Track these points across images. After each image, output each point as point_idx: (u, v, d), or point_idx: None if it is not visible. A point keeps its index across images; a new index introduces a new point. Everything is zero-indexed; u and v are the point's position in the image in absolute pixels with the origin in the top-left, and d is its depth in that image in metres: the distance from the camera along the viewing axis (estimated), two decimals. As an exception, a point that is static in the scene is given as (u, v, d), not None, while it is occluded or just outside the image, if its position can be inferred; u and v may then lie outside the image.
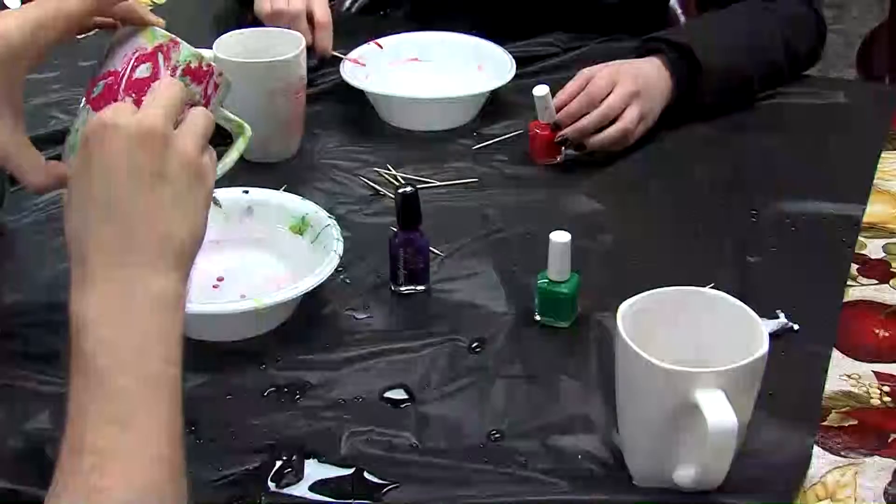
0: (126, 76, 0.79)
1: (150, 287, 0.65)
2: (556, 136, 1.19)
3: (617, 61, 1.24)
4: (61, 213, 1.11)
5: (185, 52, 0.80)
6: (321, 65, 1.40)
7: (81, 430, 0.60)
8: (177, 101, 0.70)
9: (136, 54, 0.79)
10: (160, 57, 0.79)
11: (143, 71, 0.79)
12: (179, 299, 0.66)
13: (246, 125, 0.85)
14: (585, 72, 1.22)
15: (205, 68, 0.80)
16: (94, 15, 0.79)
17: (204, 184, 0.69)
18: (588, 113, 1.19)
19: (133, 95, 0.78)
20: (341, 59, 1.36)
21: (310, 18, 1.36)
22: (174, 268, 0.66)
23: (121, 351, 0.62)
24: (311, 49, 1.35)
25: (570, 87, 1.21)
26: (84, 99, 0.81)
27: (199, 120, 0.71)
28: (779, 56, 1.33)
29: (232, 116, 0.84)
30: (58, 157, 0.84)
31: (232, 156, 0.84)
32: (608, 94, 1.19)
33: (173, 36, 0.80)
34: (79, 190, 0.67)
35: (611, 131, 1.19)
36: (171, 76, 0.79)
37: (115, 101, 0.78)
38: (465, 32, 1.42)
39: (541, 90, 1.19)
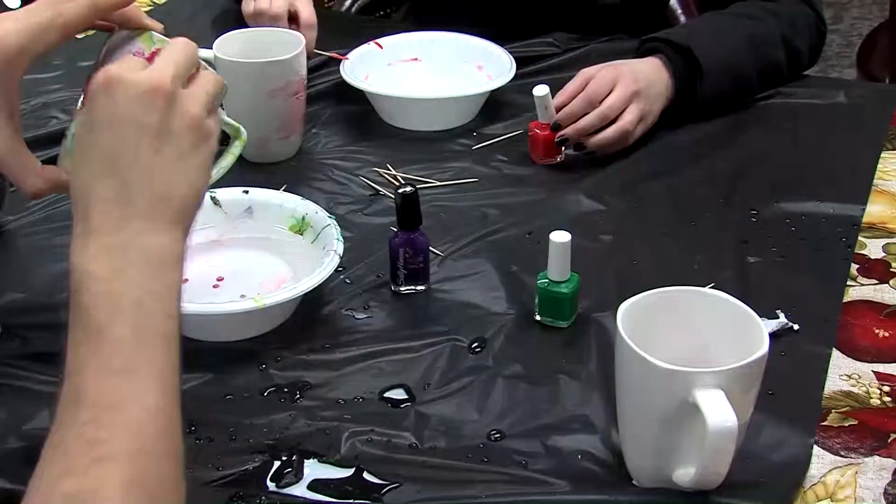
0: None
1: (149, 243, 0.65)
2: (556, 136, 1.20)
3: (617, 61, 1.24)
4: (61, 213, 1.12)
5: None
6: (321, 65, 1.41)
7: (79, 382, 0.60)
8: (188, 61, 0.70)
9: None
10: None
11: None
12: (178, 256, 0.66)
13: (242, 129, 0.85)
14: (585, 72, 1.22)
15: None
16: (91, 22, 0.79)
17: (207, 144, 0.70)
18: (588, 113, 1.19)
19: None
20: (325, 56, 1.36)
21: (295, 18, 1.37)
22: (174, 225, 0.66)
23: (120, 302, 0.62)
24: None
25: (570, 87, 1.21)
26: (80, 103, 0.81)
27: (208, 82, 0.72)
28: (779, 56, 1.33)
29: (228, 120, 0.84)
30: (55, 160, 0.83)
31: (228, 159, 0.84)
32: (608, 95, 1.19)
33: (169, 40, 0.80)
34: (84, 144, 0.67)
35: (610, 131, 1.19)
36: None
37: None
38: (465, 32, 1.42)
39: (541, 90, 1.19)
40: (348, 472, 0.81)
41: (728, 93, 1.29)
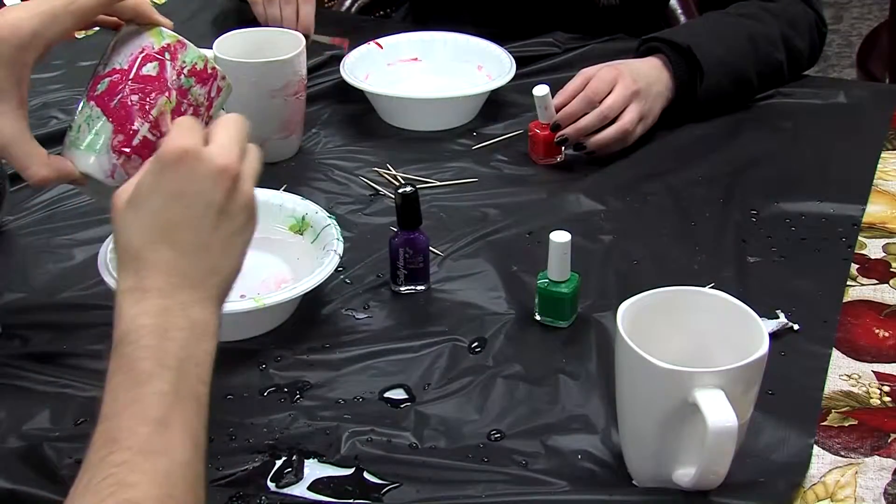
0: (133, 74, 0.79)
1: (195, 313, 0.67)
2: (556, 136, 1.20)
3: (617, 61, 1.24)
4: (61, 213, 1.12)
5: (191, 53, 0.80)
6: (321, 65, 1.41)
7: (116, 426, 0.62)
8: (245, 138, 0.73)
9: (143, 53, 0.80)
10: (167, 56, 0.80)
11: (149, 69, 0.79)
12: (216, 329, 0.69)
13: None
14: (585, 72, 1.22)
15: (210, 71, 0.81)
16: (105, 10, 0.80)
17: (254, 225, 0.73)
18: (588, 113, 1.19)
19: (139, 93, 0.79)
20: (324, 41, 1.36)
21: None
22: (216, 301, 0.70)
23: (165, 360, 0.65)
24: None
25: (570, 87, 1.21)
26: (86, 95, 0.81)
27: (255, 160, 0.74)
28: (779, 56, 1.33)
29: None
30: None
31: None
32: (608, 95, 1.19)
33: (180, 37, 0.81)
34: (145, 205, 0.69)
35: (610, 131, 1.19)
36: (177, 76, 0.79)
37: (121, 97, 0.79)
38: (465, 32, 1.42)
39: (541, 90, 1.19)
40: (348, 472, 0.81)
41: (728, 93, 1.29)
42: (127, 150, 0.79)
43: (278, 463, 0.82)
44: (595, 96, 1.19)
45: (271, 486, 0.80)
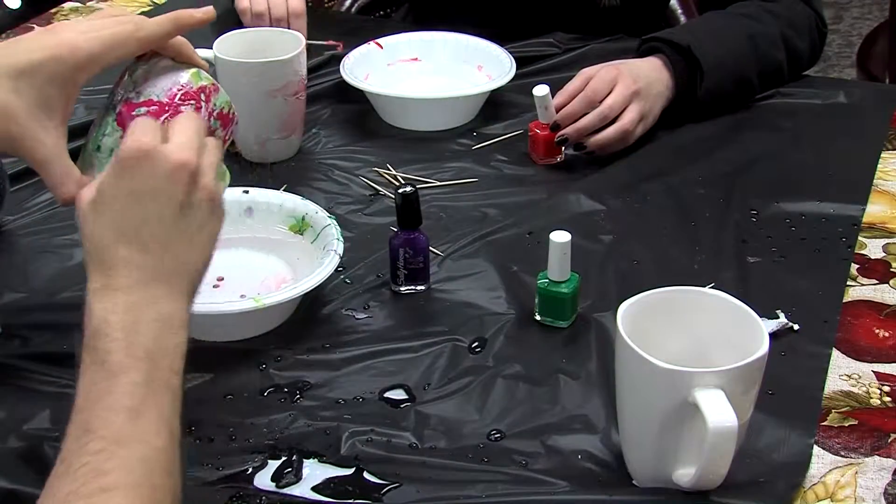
0: (172, 109, 0.79)
1: (163, 308, 0.69)
2: (556, 136, 1.20)
3: (617, 61, 1.24)
4: (61, 213, 1.12)
5: (222, 97, 0.82)
6: (321, 65, 1.41)
7: (90, 416, 0.64)
8: (202, 134, 0.75)
9: (183, 91, 0.80)
10: (203, 98, 0.81)
11: (187, 109, 0.80)
12: (185, 322, 0.70)
13: (227, 170, 0.84)
14: (585, 72, 1.22)
15: (231, 116, 0.83)
16: (171, 37, 0.81)
17: (219, 217, 0.75)
18: (587, 113, 1.19)
19: None
20: (319, 44, 1.36)
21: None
22: (184, 295, 0.71)
23: (136, 352, 0.66)
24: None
25: (570, 87, 1.21)
26: (113, 117, 0.80)
27: (215, 153, 0.76)
28: (779, 56, 1.33)
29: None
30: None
31: None
32: (608, 95, 1.19)
33: (214, 80, 0.83)
34: (108, 206, 0.70)
35: (610, 131, 1.19)
36: (208, 117, 0.81)
37: None
38: (465, 32, 1.42)
39: (541, 90, 1.19)
40: (348, 472, 0.81)
41: (728, 93, 1.29)
42: None
43: (278, 463, 0.82)
44: (595, 96, 1.19)
45: (271, 486, 0.80)
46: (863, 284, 1.01)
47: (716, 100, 1.28)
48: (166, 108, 0.79)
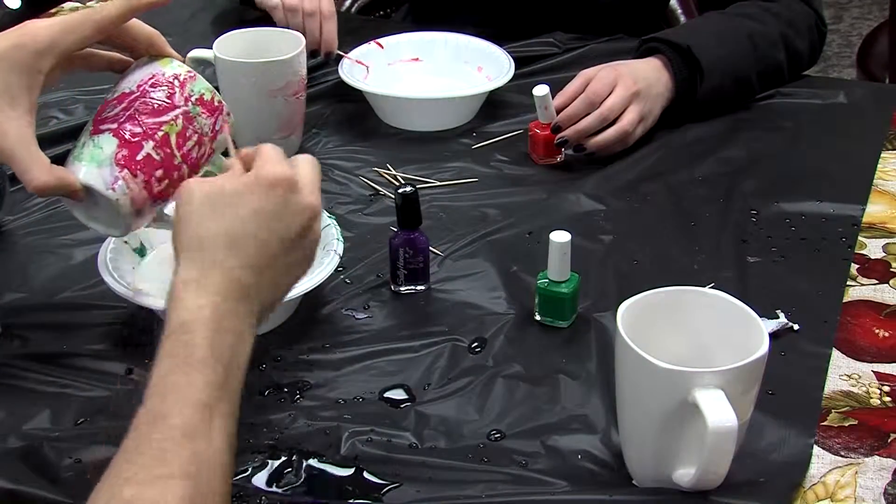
0: (142, 94, 0.81)
1: (244, 325, 0.71)
2: (556, 138, 1.20)
3: (617, 62, 1.24)
4: (61, 213, 1.12)
5: (200, 84, 0.83)
6: (321, 65, 1.41)
7: (163, 404, 0.65)
8: (320, 180, 0.78)
9: (154, 78, 0.82)
10: (176, 83, 0.82)
11: (159, 93, 0.81)
12: (252, 344, 0.72)
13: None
14: (585, 73, 1.22)
15: (216, 104, 0.84)
16: (126, 20, 0.82)
17: (311, 263, 0.78)
18: (588, 115, 1.19)
19: (147, 113, 0.80)
20: (342, 57, 1.36)
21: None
22: (258, 319, 0.73)
23: (219, 354, 0.68)
24: (314, 50, 1.36)
25: (570, 88, 1.21)
26: (92, 120, 0.82)
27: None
28: (779, 56, 1.33)
29: (222, 160, 0.85)
30: (56, 160, 0.84)
31: None
32: (608, 96, 1.19)
33: (191, 69, 0.83)
34: (231, 211, 0.72)
35: (610, 133, 1.19)
36: (185, 102, 0.81)
37: (129, 114, 0.80)
38: (465, 32, 1.42)
39: (541, 90, 1.19)
40: (348, 472, 0.81)
41: (728, 93, 1.29)
42: (130, 164, 0.80)
43: (278, 463, 0.82)
44: (596, 98, 1.19)
45: (271, 486, 0.80)
46: (863, 284, 1.01)
47: (716, 100, 1.28)
48: (135, 95, 0.81)
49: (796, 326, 0.94)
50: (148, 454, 0.62)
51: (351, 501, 0.79)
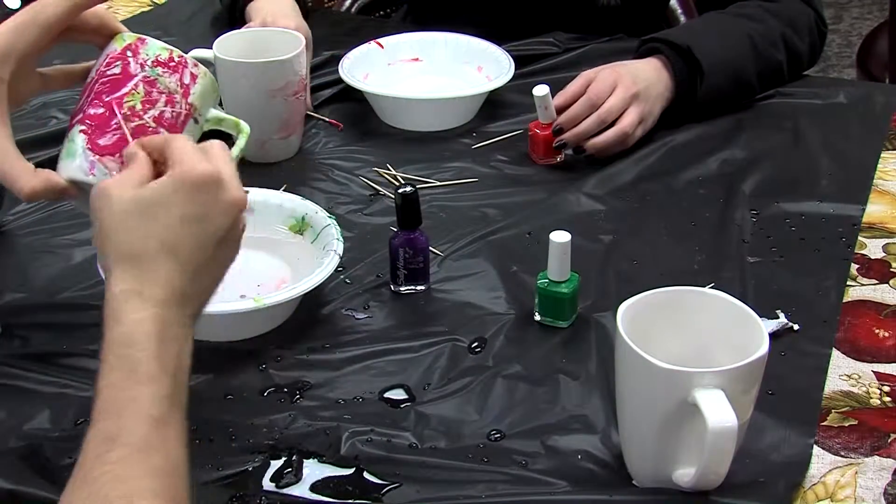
0: (100, 78, 0.81)
1: (184, 330, 0.70)
2: (556, 140, 1.20)
3: (617, 63, 1.24)
4: (61, 213, 1.12)
5: (153, 46, 0.82)
6: (321, 65, 1.41)
7: (116, 424, 0.64)
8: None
9: (107, 59, 0.82)
10: (129, 54, 0.81)
11: (114, 70, 0.81)
12: (192, 346, 0.71)
13: (243, 123, 0.86)
14: (585, 74, 1.22)
15: (176, 59, 0.83)
16: (70, 19, 0.80)
17: (237, 254, 0.76)
18: (588, 116, 1.19)
19: (106, 92, 0.80)
20: (320, 119, 1.34)
21: None
22: (195, 319, 0.73)
23: (166, 365, 0.67)
24: None
25: (571, 88, 1.21)
26: (72, 116, 0.82)
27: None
28: (779, 56, 1.33)
29: (226, 116, 0.85)
30: (55, 160, 0.83)
31: (234, 153, 0.84)
32: (608, 97, 1.19)
33: (141, 35, 0.83)
34: (162, 216, 0.70)
35: (609, 134, 1.19)
36: (141, 68, 0.81)
37: (91, 100, 0.80)
38: (465, 32, 1.42)
39: (541, 90, 1.19)
40: (348, 472, 0.81)
41: (728, 93, 1.29)
42: (101, 143, 0.80)
43: (278, 463, 0.82)
44: (597, 99, 1.19)
45: (271, 486, 0.80)
46: (863, 284, 1.01)
47: (715, 100, 1.28)
48: (94, 80, 0.81)
49: (796, 326, 0.94)
50: (108, 475, 0.62)
51: (351, 501, 0.79)
